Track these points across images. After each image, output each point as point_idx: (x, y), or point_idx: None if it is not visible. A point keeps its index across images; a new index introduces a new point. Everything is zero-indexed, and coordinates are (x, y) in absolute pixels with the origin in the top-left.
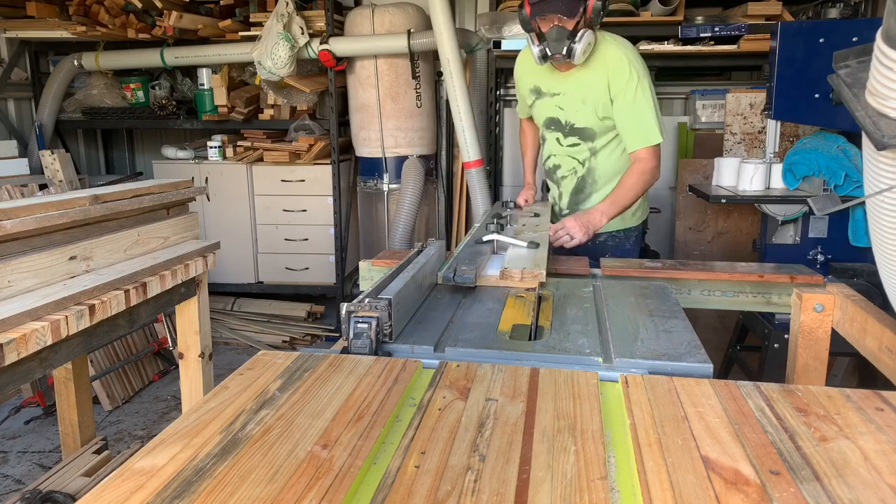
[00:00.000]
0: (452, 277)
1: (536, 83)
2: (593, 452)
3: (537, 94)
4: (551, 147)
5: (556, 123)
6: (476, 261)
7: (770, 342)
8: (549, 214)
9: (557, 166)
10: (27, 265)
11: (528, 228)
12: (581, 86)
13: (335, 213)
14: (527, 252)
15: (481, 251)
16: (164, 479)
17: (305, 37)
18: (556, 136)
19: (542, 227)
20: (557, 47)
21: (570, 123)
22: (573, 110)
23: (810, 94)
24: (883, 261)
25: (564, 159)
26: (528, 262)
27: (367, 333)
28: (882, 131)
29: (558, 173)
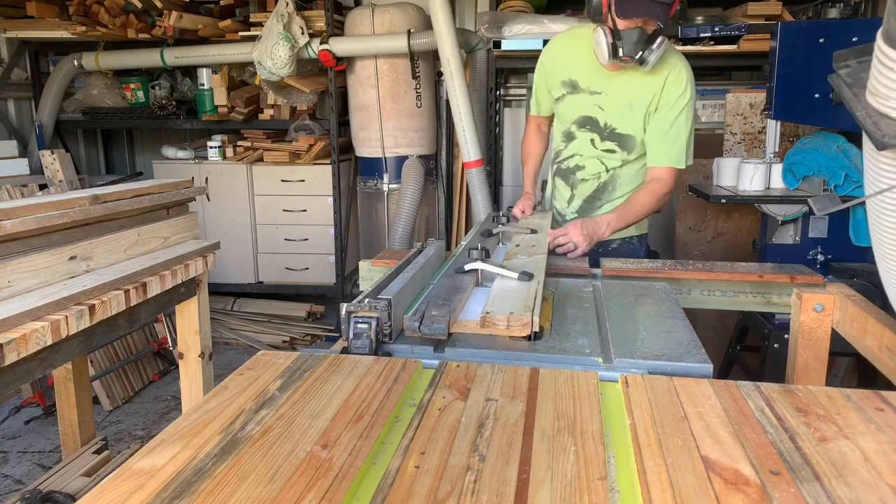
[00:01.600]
0: (418, 327)
1: (573, 76)
2: (593, 452)
3: (572, 88)
4: (580, 147)
5: (592, 124)
6: (452, 300)
7: (770, 342)
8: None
9: (580, 167)
10: (27, 265)
11: (522, 250)
12: (630, 89)
13: (335, 213)
14: (518, 285)
15: (461, 284)
16: (163, 479)
17: (305, 37)
18: (591, 137)
19: (539, 249)
20: (634, 50)
21: (612, 127)
22: (617, 114)
23: (810, 94)
24: (883, 261)
25: (592, 162)
26: (518, 302)
27: (366, 333)
28: (882, 131)
29: (578, 175)
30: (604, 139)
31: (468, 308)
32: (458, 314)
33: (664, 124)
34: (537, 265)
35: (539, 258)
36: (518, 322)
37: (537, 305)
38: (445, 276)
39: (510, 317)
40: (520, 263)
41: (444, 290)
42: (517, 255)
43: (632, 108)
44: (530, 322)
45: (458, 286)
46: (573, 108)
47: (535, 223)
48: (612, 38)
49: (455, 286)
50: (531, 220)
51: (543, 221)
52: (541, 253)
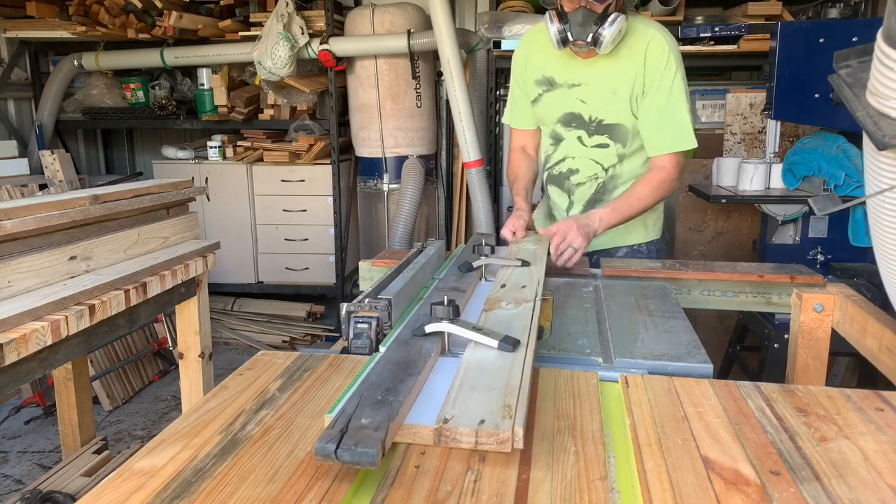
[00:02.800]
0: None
1: (547, 72)
2: (593, 453)
3: (548, 86)
4: (568, 148)
5: (576, 120)
6: (400, 387)
7: (770, 342)
8: (544, 262)
9: (574, 171)
10: (27, 265)
11: (508, 294)
12: (612, 74)
13: (335, 213)
14: (497, 360)
15: (418, 353)
16: (163, 479)
17: (305, 37)
18: (578, 134)
19: (530, 291)
20: (582, 32)
21: (598, 119)
22: (601, 103)
23: (810, 94)
24: (883, 261)
25: (585, 163)
26: (494, 398)
27: (366, 333)
28: (883, 131)
29: (573, 179)
30: (592, 134)
31: (428, 391)
32: (406, 413)
33: (656, 106)
34: (525, 321)
35: (527, 308)
36: (492, 437)
37: (523, 400)
38: (397, 341)
39: (480, 429)
40: (503, 318)
41: (389, 368)
42: (501, 304)
43: (616, 94)
44: (510, 437)
45: (412, 359)
46: (553, 105)
47: (528, 250)
48: (559, 22)
49: (408, 358)
50: (524, 245)
51: (538, 248)
52: (531, 299)
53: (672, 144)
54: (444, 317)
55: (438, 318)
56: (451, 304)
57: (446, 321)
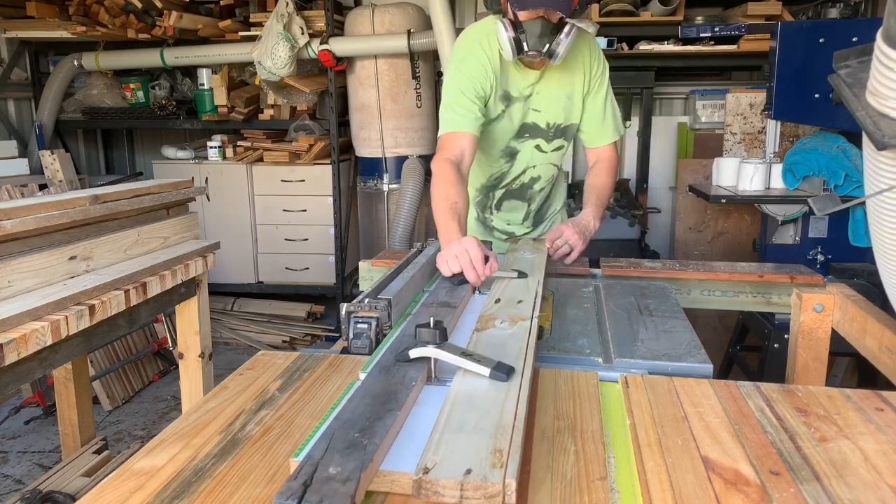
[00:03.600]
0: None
1: (505, 86)
2: (593, 453)
3: (507, 102)
4: (528, 159)
5: (532, 129)
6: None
7: (770, 342)
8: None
9: (536, 178)
10: (27, 265)
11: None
12: (563, 79)
13: (335, 213)
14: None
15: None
16: (163, 479)
17: (305, 37)
18: (535, 143)
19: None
20: (539, 44)
21: (556, 124)
22: (558, 108)
23: (810, 94)
24: (883, 261)
25: (545, 168)
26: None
27: (366, 333)
28: (882, 131)
29: (536, 186)
30: (550, 140)
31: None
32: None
33: (599, 103)
34: (521, 343)
35: (523, 328)
36: (479, 491)
37: (517, 443)
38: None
39: (465, 482)
40: (497, 339)
41: (367, 402)
42: (494, 323)
43: (570, 98)
44: (500, 491)
45: (393, 390)
46: (513, 121)
47: (526, 260)
48: (514, 31)
49: (389, 389)
50: (520, 253)
51: (536, 257)
52: (527, 317)
53: (614, 134)
54: (429, 341)
55: (424, 342)
56: (437, 325)
57: (432, 346)
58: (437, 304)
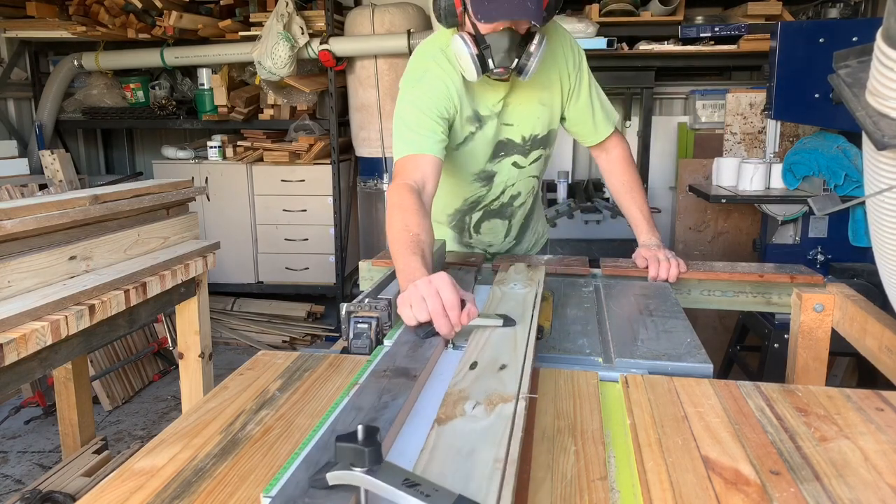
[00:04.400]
0: None
1: (474, 106)
2: (593, 452)
3: (478, 124)
4: (506, 178)
5: (507, 146)
6: None
7: (770, 342)
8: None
9: (516, 196)
10: (27, 265)
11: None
12: (533, 88)
13: (335, 213)
14: None
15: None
16: (163, 479)
17: (305, 37)
18: (513, 160)
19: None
20: (506, 59)
21: (532, 136)
22: (532, 118)
23: (810, 94)
24: (883, 261)
25: (524, 183)
26: None
27: (366, 333)
28: (882, 131)
29: (516, 203)
30: (528, 153)
31: None
32: None
33: (584, 103)
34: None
35: (504, 416)
36: None
37: None
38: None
39: None
40: (466, 437)
41: None
42: (464, 406)
43: (543, 103)
44: None
45: None
46: (484, 143)
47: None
48: (476, 47)
49: None
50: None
51: (528, 291)
52: (511, 396)
53: (609, 125)
54: (356, 463)
55: (348, 465)
56: (369, 438)
57: (360, 470)
58: (391, 373)
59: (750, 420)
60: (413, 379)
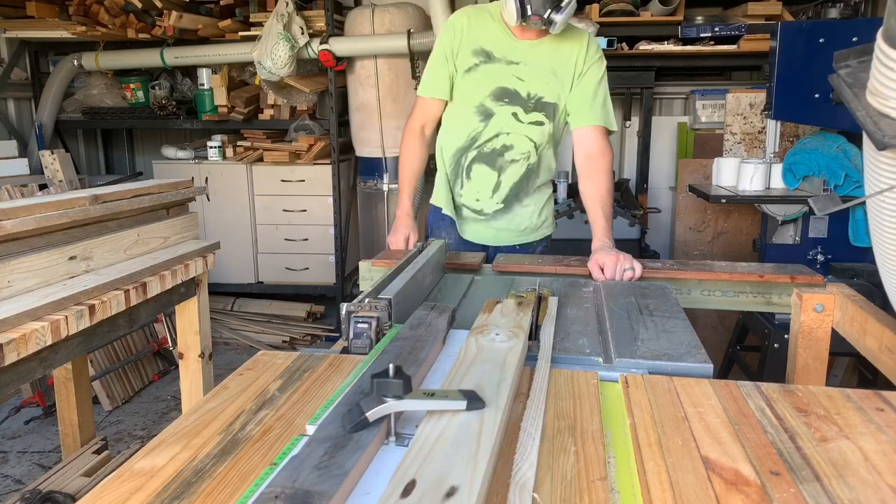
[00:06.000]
0: None
1: (485, 45)
2: (593, 453)
3: (485, 58)
4: (503, 124)
5: (510, 95)
6: None
7: (770, 342)
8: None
9: (508, 147)
10: (27, 265)
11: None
12: (552, 56)
13: (335, 213)
14: None
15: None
16: (163, 479)
17: (305, 37)
18: (512, 110)
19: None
20: (542, 8)
21: (537, 97)
22: (541, 82)
23: (810, 94)
24: (883, 261)
25: (520, 139)
26: None
27: (367, 333)
28: (883, 131)
29: (507, 156)
30: (529, 111)
31: None
32: None
33: (590, 86)
34: None
35: None
36: None
37: None
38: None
39: None
40: None
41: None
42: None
43: (556, 74)
44: None
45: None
46: (488, 78)
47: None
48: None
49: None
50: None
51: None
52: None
53: (602, 118)
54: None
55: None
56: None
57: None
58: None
59: (750, 420)
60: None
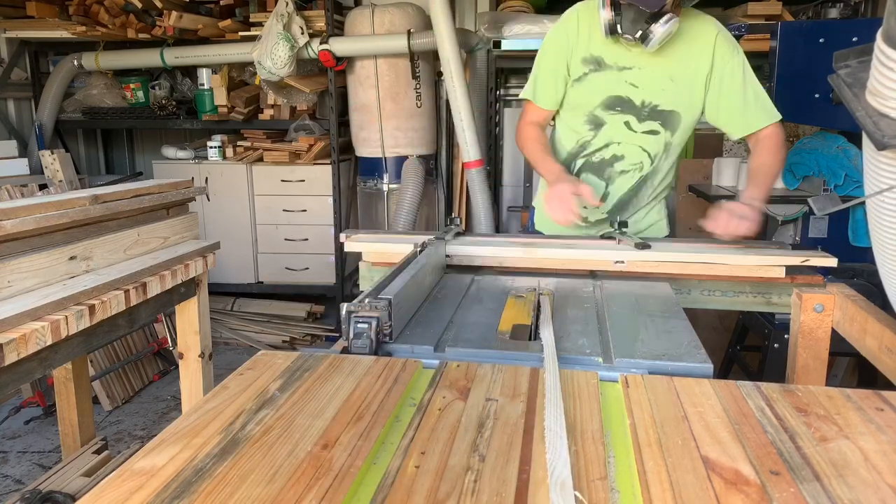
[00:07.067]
0: None
1: (596, 52)
2: (593, 452)
3: (596, 65)
4: (614, 133)
5: (625, 104)
6: None
7: (770, 342)
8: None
9: (619, 157)
10: (27, 265)
11: None
12: (671, 60)
13: (335, 213)
14: None
15: None
16: (163, 479)
17: (305, 37)
18: (626, 119)
19: None
20: (632, 28)
21: (652, 105)
22: (657, 88)
23: (810, 94)
24: (883, 261)
25: (632, 149)
26: None
27: (367, 333)
28: (882, 131)
29: (617, 166)
30: (643, 119)
31: None
32: None
33: (737, 90)
34: None
35: None
36: None
37: None
38: None
39: None
40: None
41: None
42: None
43: (674, 80)
44: None
45: None
46: (599, 87)
47: None
48: (611, 12)
49: None
50: None
51: None
52: None
53: (767, 118)
54: None
55: None
56: None
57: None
58: None
59: (750, 420)
60: None
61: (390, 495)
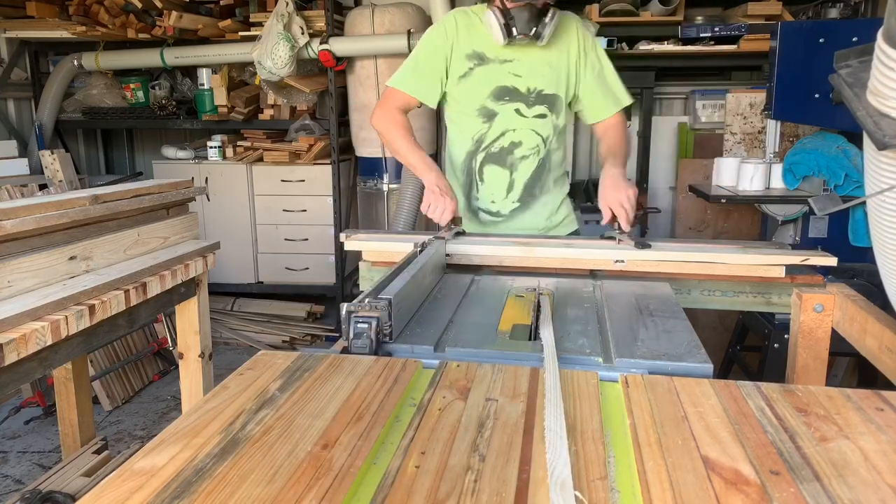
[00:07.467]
0: None
1: (477, 47)
2: (593, 452)
3: (479, 60)
4: (507, 122)
5: (512, 93)
6: None
7: (770, 342)
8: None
9: (517, 143)
10: (27, 265)
11: None
12: (544, 49)
13: (335, 213)
14: None
15: None
16: (163, 479)
17: (305, 37)
18: (516, 106)
19: None
20: (527, 27)
21: (537, 90)
22: (538, 74)
23: (810, 94)
24: (883, 261)
25: (527, 134)
26: None
27: (367, 333)
28: (883, 131)
29: (517, 153)
30: (531, 105)
31: None
32: None
33: (595, 77)
34: None
35: None
36: None
37: None
38: None
39: None
40: None
41: None
42: None
43: (551, 66)
44: None
45: None
46: (486, 79)
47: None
48: (503, 18)
49: None
50: None
51: None
52: None
53: (615, 104)
54: None
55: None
56: None
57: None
58: None
59: (750, 420)
60: None
61: (390, 495)
